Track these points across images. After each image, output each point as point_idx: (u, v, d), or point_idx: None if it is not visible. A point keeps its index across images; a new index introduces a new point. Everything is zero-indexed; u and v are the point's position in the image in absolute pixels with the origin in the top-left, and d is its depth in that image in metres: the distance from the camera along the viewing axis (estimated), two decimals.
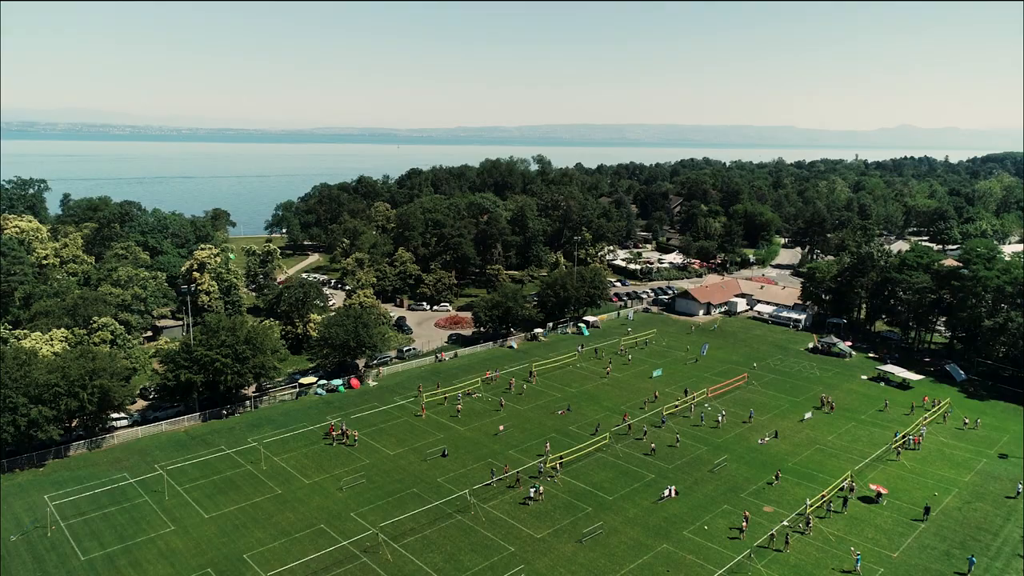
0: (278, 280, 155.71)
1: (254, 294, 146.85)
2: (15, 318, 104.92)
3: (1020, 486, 72.94)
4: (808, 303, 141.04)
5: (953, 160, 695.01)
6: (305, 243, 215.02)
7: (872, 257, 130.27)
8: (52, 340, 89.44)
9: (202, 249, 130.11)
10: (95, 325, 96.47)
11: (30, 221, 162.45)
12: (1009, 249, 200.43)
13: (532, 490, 69.68)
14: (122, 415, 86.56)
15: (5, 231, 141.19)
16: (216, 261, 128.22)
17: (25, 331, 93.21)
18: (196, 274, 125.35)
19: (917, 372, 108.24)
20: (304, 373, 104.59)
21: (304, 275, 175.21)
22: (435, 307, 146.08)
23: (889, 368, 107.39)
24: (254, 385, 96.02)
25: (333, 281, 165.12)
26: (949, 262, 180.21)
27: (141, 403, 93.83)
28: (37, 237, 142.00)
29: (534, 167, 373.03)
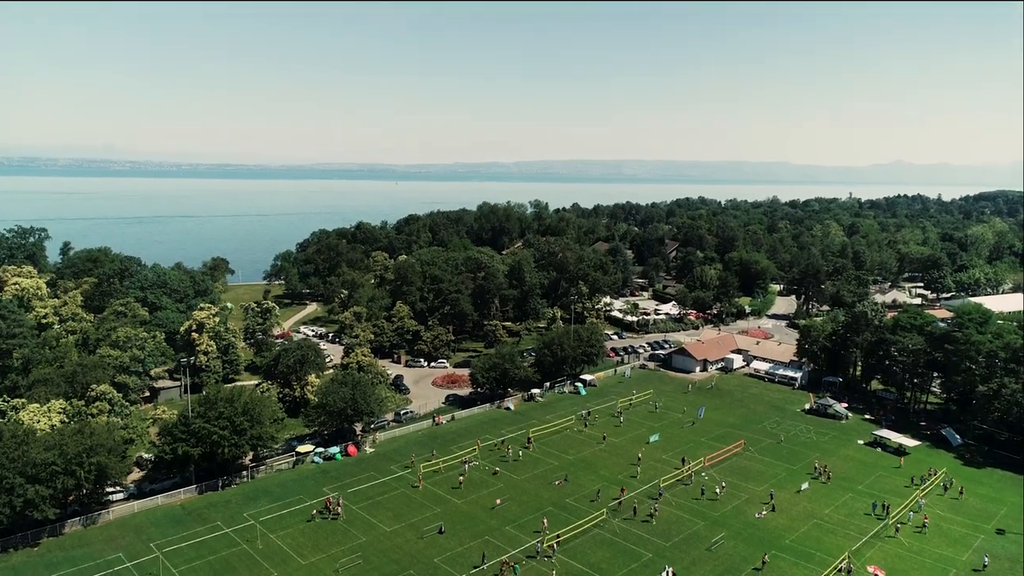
0: (275, 332, 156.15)
1: (252, 349, 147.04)
2: (13, 383, 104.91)
3: (986, 558, 73.50)
4: (804, 360, 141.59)
5: (946, 198, 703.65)
6: (304, 291, 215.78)
7: (866, 316, 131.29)
8: (50, 412, 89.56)
9: (201, 309, 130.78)
10: (93, 394, 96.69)
11: (30, 274, 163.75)
12: (1001, 303, 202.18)
13: None
14: (117, 488, 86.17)
15: (5, 288, 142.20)
16: (215, 321, 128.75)
17: (23, 400, 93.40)
18: (195, 335, 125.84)
19: (913, 437, 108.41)
20: (301, 439, 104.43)
21: (302, 327, 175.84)
22: (432, 364, 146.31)
23: (885, 433, 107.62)
24: (251, 454, 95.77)
25: (331, 335, 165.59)
26: (943, 312, 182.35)
27: (137, 472, 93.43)
28: (36, 294, 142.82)
29: (530, 210, 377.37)
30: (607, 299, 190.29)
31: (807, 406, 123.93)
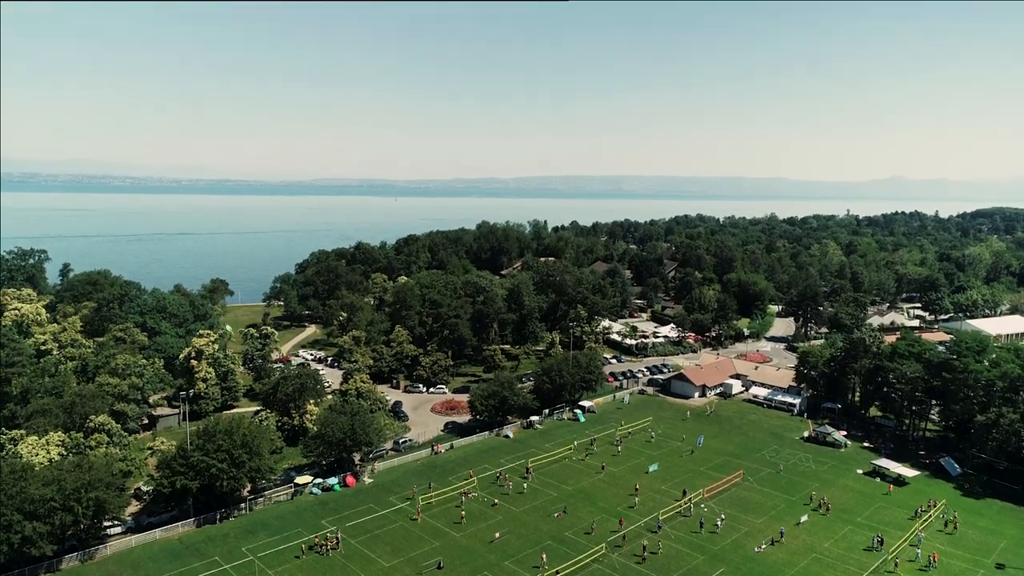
0: (274, 357, 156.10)
1: (251, 375, 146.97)
2: (11, 413, 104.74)
3: None
4: (803, 386, 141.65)
5: (944, 215, 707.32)
6: (303, 313, 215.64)
7: (864, 343, 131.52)
8: (48, 445, 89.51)
9: (200, 335, 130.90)
10: (91, 424, 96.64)
11: (30, 296, 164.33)
12: (999, 325, 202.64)
13: None
14: (115, 522, 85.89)
15: (5, 313, 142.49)
16: (214, 348, 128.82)
17: (21, 432, 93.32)
18: (194, 361, 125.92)
19: (912, 466, 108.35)
20: (299, 469, 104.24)
21: (301, 350, 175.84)
22: (431, 389, 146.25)
23: (884, 463, 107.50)
24: (249, 486, 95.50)
25: (330, 359, 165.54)
26: (941, 335, 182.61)
27: (135, 504, 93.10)
28: (36, 320, 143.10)
29: (529, 229, 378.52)
30: (606, 322, 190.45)
31: (806, 434, 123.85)
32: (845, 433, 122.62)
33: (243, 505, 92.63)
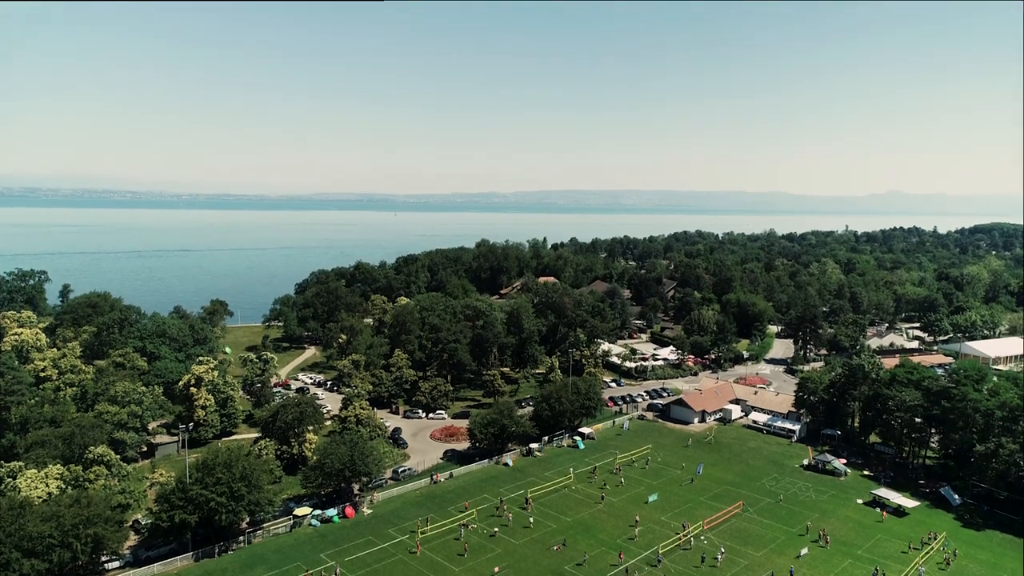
0: (273, 381, 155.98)
1: (250, 400, 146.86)
2: (10, 443, 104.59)
3: None
4: (802, 411, 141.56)
5: (942, 230, 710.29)
6: (304, 335, 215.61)
7: (863, 369, 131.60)
8: (47, 478, 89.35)
9: (199, 362, 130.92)
10: (90, 456, 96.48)
11: (30, 320, 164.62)
12: (998, 347, 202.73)
13: None
14: (114, 556, 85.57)
15: (5, 339, 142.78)
16: (213, 375, 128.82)
17: (20, 464, 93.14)
18: (193, 389, 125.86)
19: (912, 495, 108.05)
20: (298, 500, 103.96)
21: (300, 374, 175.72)
22: (431, 415, 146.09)
23: (884, 493, 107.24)
24: (248, 518, 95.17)
25: (329, 382, 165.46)
26: (940, 358, 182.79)
27: (133, 537, 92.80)
28: (35, 346, 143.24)
29: (528, 247, 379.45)
30: (605, 345, 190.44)
31: (805, 461, 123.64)
32: (845, 461, 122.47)
33: (241, 538, 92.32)
